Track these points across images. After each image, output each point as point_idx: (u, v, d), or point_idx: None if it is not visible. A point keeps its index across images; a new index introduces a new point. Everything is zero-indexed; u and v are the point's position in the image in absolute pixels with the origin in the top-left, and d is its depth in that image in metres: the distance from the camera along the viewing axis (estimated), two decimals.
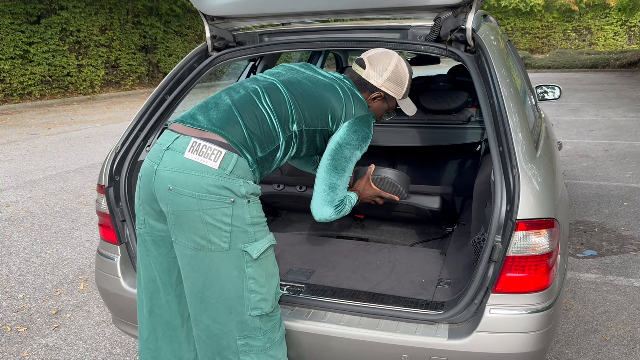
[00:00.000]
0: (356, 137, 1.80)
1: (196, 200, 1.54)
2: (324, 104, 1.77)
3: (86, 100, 14.61)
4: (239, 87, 1.76)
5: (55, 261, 3.75)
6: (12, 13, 13.21)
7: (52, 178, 6.07)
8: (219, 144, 1.57)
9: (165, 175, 1.58)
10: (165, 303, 1.83)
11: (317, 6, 2.25)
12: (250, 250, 1.59)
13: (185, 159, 1.56)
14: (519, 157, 1.66)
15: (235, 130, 1.61)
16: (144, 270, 1.81)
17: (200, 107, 1.71)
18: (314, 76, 1.87)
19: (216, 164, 1.55)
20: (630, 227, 4.10)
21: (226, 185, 1.55)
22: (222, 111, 1.65)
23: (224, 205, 1.55)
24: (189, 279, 1.65)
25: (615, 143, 7.21)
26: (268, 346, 1.68)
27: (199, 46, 2.51)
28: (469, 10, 1.98)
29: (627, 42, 27.50)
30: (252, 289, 1.62)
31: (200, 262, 1.60)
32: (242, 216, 1.58)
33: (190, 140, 1.58)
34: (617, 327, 2.73)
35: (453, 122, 2.88)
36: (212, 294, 1.62)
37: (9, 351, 2.67)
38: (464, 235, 2.53)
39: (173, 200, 1.57)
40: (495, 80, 1.83)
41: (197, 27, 19.59)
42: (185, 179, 1.55)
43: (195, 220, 1.55)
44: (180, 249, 1.63)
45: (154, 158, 1.64)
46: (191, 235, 1.58)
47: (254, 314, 1.63)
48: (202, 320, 1.68)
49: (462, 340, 1.67)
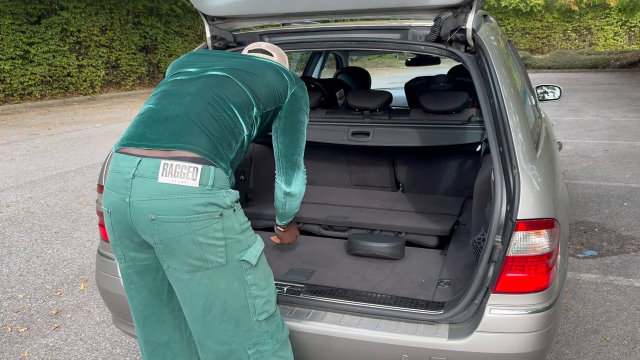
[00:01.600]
0: (303, 102, 1.84)
1: (184, 224, 1.46)
2: (270, 82, 1.73)
3: (86, 100, 14.61)
4: (181, 91, 1.63)
5: (56, 261, 3.75)
6: (12, 13, 13.21)
7: (52, 178, 6.07)
8: (191, 159, 1.47)
9: (142, 206, 1.46)
10: (159, 326, 1.79)
11: (317, 6, 2.25)
12: (248, 257, 1.56)
13: (160, 184, 1.45)
14: (519, 157, 1.66)
15: (201, 140, 1.50)
16: (131, 303, 1.77)
17: (145, 124, 1.56)
18: (245, 62, 1.79)
19: (195, 182, 1.45)
20: (630, 227, 4.10)
21: (211, 201, 1.47)
22: (179, 123, 1.52)
23: (213, 221, 1.48)
24: (188, 303, 1.59)
25: (615, 143, 7.21)
26: (277, 347, 1.67)
27: (199, 46, 2.52)
28: (469, 10, 1.99)
29: (627, 42, 27.49)
30: (255, 294, 1.59)
31: (198, 284, 1.54)
32: (232, 226, 1.53)
33: (160, 163, 1.46)
34: (617, 327, 2.73)
35: (453, 122, 2.88)
36: (215, 314, 1.57)
37: (9, 351, 2.67)
38: (464, 235, 2.53)
39: (159, 230, 1.47)
40: (495, 80, 1.83)
41: (197, 27, 19.59)
42: (167, 205, 1.45)
43: (187, 243, 1.48)
44: (174, 275, 1.56)
45: (119, 189, 1.50)
46: (185, 259, 1.51)
47: (261, 318, 1.60)
48: (207, 344, 1.63)
49: (462, 340, 1.67)
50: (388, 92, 3.08)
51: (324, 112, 3.18)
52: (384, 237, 2.38)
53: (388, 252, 2.28)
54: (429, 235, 2.60)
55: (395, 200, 3.09)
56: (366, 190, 3.34)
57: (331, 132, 3.10)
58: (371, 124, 3.04)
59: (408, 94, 3.40)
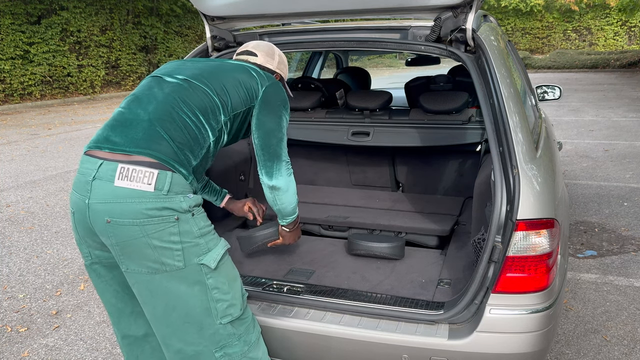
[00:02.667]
0: (277, 99, 1.82)
1: (138, 227, 1.48)
2: (239, 84, 1.75)
3: (86, 100, 14.61)
4: (149, 97, 1.65)
5: (56, 261, 3.75)
6: (12, 13, 13.20)
7: (53, 178, 6.07)
8: (148, 164, 1.49)
9: (99, 209, 1.50)
10: (135, 319, 1.80)
11: (317, 6, 2.25)
12: (207, 261, 1.56)
13: (116, 188, 1.48)
14: (519, 157, 1.66)
15: (161, 146, 1.52)
16: (103, 297, 1.78)
17: (112, 127, 1.59)
18: (214, 63, 1.83)
19: (150, 187, 1.48)
20: (630, 227, 4.10)
21: (166, 205, 1.49)
22: (141, 128, 1.55)
23: (168, 225, 1.49)
24: (149, 304, 1.59)
25: (615, 143, 7.21)
26: (246, 349, 1.67)
27: (199, 46, 2.52)
28: (468, 10, 1.99)
29: (627, 42, 27.48)
30: (217, 298, 1.59)
31: (158, 286, 1.55)
32: (190, 230, 1.53)
33: (117, 167, 1.49)
34: (617, 327, 2.73)
35: (453, 122, 2.88)
36: (177, 316, 1.58)
37: (9, 351, 2.67)
38: (464, 235, 2.53)
39: (114, 232, 1.50)
40: (495, 80, 1.83)
41: (197, 27, 19.58)
42: (122, 208, 1.47)
43: (142, 247, 1.49)
44: (134, 276, 1.57)
45: (81, 190, 1.54)
46: (142, 261, 1.52)
47: (224, 321, 1.61)
48: (172, 343, 1.63)
49: (462, 340, 1.67)
50: (388, 92, 3.08)
51: (324, 112, 3.18)
52: (384, 237, 2.38)
53: (388, 252, 2.28)
54: (429, 235, 2.60)
55: (395, 200, 3.09)
56: (366, 190, 3.34)
57: (331, 132, 3.10)
58: (371, 124, 3.04)
59: (408, 94, 3.40)
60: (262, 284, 2.03)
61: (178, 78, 1.70)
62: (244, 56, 1.97)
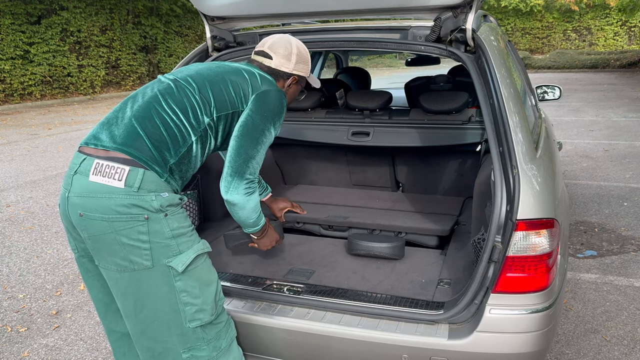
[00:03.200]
0: (266, 108, 1.76)
1: (107, 223, 1.49)
2: (228, 85, 1.73)
3: (86, 100, 14.61)
4: (140, 95, 1.68)
5: (56, 261, 3.75)
6: (12, 13, 13.20)
7: (53, 178, 6.07)
8: (121, 161, 1.52)
9: (75, 202, 1.54)
10: (120, 315, 1.80)
11: (317, 6, 2.25)
12: (175, 264, 1.54)
13: (89, 182, 1.52)
14: (519, 157, 1.66)
15: (137, 143, 1.54)
16: (90, 292, 1.80)
17: (102, 125, 1.64)
18: (215, 65, 1.83)
19: (121, 183, 1.49)
20: (630, 227, 4.10)
21: (135, 203, 1.50)
22: (122, 126, 1.58)
23: (137, 224, 1.50)
24: (119, 300, 1.62)
25: (615, 143, 7.21)
26: (214, 354, 1.66)
27: (199, 46, 2.52)
28: (468, 10, 1.99)
29: (627, 42, 27.49)
30: (186, 301, 1.58)
31: (127, 283, 1.56)
32: (160, 231, 1.53)
33: (94, 162, 1.53)
34: (617, 327, 2.73)
35: (453, 122, 2.88)
36: (146, 314, 1.58)
37: (9, 351, 2.67)
38: (464, 235, 2.53)
39: (86, 226, 1.53)
40: (495, 80, 1.83)
41: (197, 27, 19.59)
42: (93, 203, 1.50)
43: (111, 242, 1.51)
44: (106, 273, 1.59)
45: (65, 184, 1.59)
46: (111, 258, 1.54)
47: (192, 325, 1.60)
48: (141, 341, 1.64)
49: (462, 340, 1.67)
50: (388, 92, 3.08)
51: (324, 112, 3.18)
52: (384, 237, 2.38)
53: (388, 252, 2.28)
54: (429, 235, 2.60)
55: (395, 200, 3.09)
56: (366, 190, 3.34)
57: (331, 132, 3.10)
58: (371, 124, 3.04)
59: (408, 94, 3.40)
60: (262, 284, 2.03)
61: (169, 78, 1.73)
62: (260, 57, 1.92)
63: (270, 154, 3.40)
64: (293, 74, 1.93)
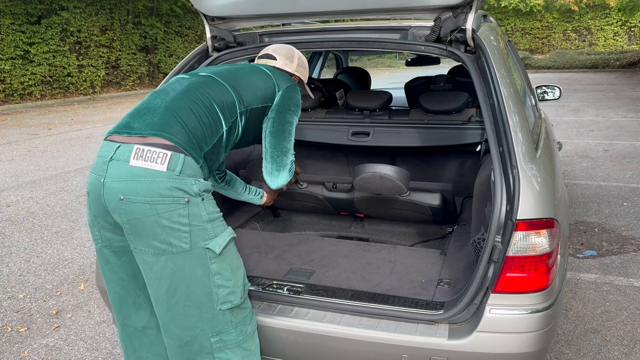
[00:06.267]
0: (292, 103, 1.94)
1: (149, 206, 1.53)
2: (254, 82, 1.86)
3: (86, 101, 14.61)
4: (169, 89, 1.75)
5: (56, 261, 3.75)
6: (13, 13, 13.20)
7: (53, 178, 6.07)
8: (162, 146, 1.56)
9: (113, 186, 1.56)
10: (135, 311, 1.83)
11: (317, 6, 2.25)
12: (212, 246, 1.60)
13: (131, 167, 1.55)
14: (519, 157, 1.66)
15: (175, 129, 1.60)
16: (107, 284, 1.81)
17: (132, 115, 1.69)
18: (232, 67, 1.94)
19: (164, 166, 1.54)
20: (630, 227, 4.10)
21: (177, 186, 1.55)
22: (157, 114, 1.63)
23: (178, 206, 1.55)
24: (152, 285, 1.65)
25: (615, 143, 7.22)
26: (241, 339, 1.70)
27: (199, 46, 2.52)
28: (468, 10, 1.99)
29: (627, 42, 27.49)
30: (219, 283, 1.63)
31: (163, 267, 1.59)
32: (199, 214, 1.58)
33: (133, 147, 1.57)
34: (617, 327, 2.73)
35: (453, 122, 2.88)
36: (178, 299, 1.62)
37: (9, 351, 2.67)
38: (463, 235, 2.53)
39: (126, 210, 1.55)
40: (495, 80, 1.83)
41: (197, 27, 19.58)
42: (135, 187, 1.54)
43: (152, 225, 1.55)
44: (141, 257, 1.62)
45: (98, 171, 1.61)
46: (150, 241, 1.57)
47: (224, 307, 1.65)
48: (170, 328, 1.67)
49: (461, 340, 1.67)
50: (388, 92, 3.08)
51: (324, 112, 3.18)
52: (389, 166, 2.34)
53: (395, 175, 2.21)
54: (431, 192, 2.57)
55: None
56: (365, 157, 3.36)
57: (331, 132, 3.10)
58: (371, 124, 3.04)
59: (408, 94, 3.40)
60: (262, 284, 2.03)
61: (199, 75, 1.83)
62: (264, 60, 2.08)
63: None
64: (295, 75, 2.09)
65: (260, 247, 2.45)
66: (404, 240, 2.83)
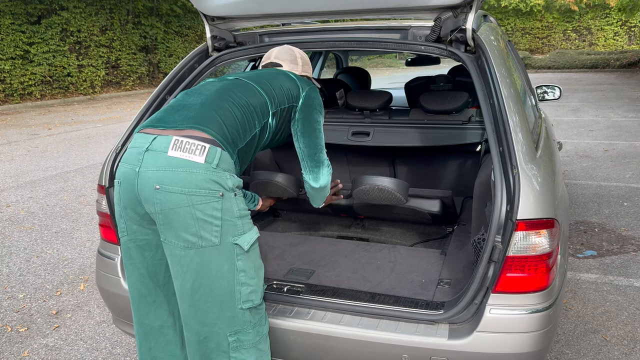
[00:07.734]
0: (316, 103, 1.99)
1: (186, 197, 1.54)
2: (281, 84, 1.91)
3: (86, 100, 14.62)
4: (202, 90, 1.79)
5: (56, 261, 3.75)
6: (12, 13, 13.21)
7: (53, 178, 6.07)
8: (201, 139, 1.58)
9: (149, 175, 1.57)
10: (154, 309, 1.83)
11: (317, 6, 2.25)
12: (241, 242, 1.62)
13: (169, 157, 1.56)
14: (519, 157, 1.66)
15: (213, 124, 1.62)
16: (129, 280, 1.82)
17: (166, 111, 1.71)
18: (257, 71, 1.98)
19: (202, 158, 1.55)
20: (630, 227, 4.10)
21: (214, 179, 1.56)
22: (194, 110, 1.66)
23: (213, 199, 1.56)
24: (178, 279, 1.66)
25: (615, 143, 7.22)
26: (257, 339, 1.71)
27: (199, 46, 2.52)
28: (468, 10, 1.99)
29: (627, 42, 27.50)
30: (243, 281, 1.64)
31: (190, 261, 1.60)
32: (231, 209, 1.60)
33: (172, 139, 1.58)
34: (617, 327, 2.73)
35: (453, 122, 2.88)
36: (202, 294, 1.63)
37: (9, 351, 2.67)
38: (464, 235, 2.53)
39: (161, 199, 1.56)
40: (495, 80, 1.83)
41: (197, 27, 19.59)
42: (173, 176, 1.55)
43: (186, 216, 1.55)
44: (170, 249, 1.63)
45: (132, 161, 1.62)
46: (181, 233, 1.58)
47: (245, 306, 1.65)
48: (190, 323, 1.69)
49: (462, 340, 1.67)
50: (388, 92, 3.08)
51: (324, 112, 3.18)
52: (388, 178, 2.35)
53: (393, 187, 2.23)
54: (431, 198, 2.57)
55: None
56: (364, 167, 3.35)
57: (331, 132, 3.10)
58: (371, 124, 3.04)
59: (408, 94, 3.40)
60: None
61: (227, 79, 1.86)
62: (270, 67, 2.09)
63: (270, 153, 3.40)
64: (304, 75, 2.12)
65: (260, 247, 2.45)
66: (404, 240, 2.83)
